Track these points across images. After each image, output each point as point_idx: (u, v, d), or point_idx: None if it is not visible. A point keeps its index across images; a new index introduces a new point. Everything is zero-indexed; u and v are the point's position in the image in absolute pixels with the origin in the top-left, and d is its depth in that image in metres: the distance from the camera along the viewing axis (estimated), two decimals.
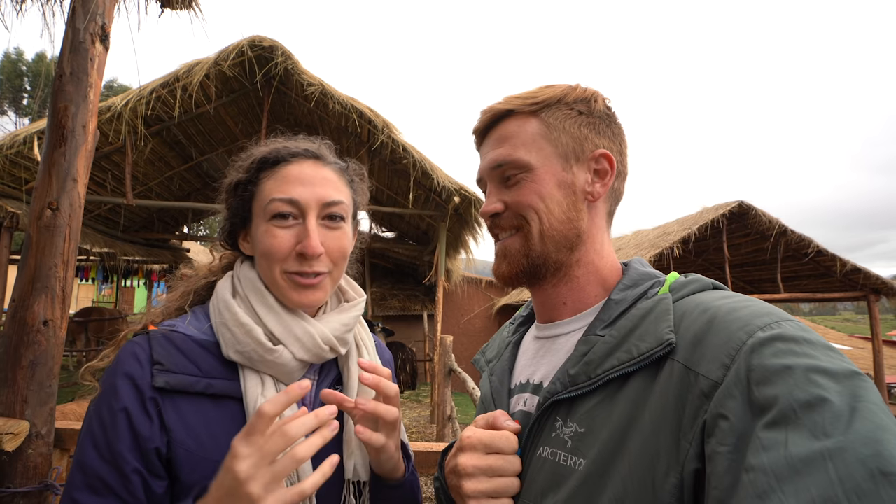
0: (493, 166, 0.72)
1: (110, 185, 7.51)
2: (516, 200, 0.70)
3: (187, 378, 0.72)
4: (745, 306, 0.54)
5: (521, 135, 0.71)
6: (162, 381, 0.70)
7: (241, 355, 0.76)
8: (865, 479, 0.36)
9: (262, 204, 0.80)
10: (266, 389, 0.75)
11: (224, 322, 0.77)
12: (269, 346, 0.75)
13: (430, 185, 6.79)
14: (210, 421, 0.72)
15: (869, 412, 0.40)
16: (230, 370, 0.76)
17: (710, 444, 0.46)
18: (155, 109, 6.21)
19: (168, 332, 0.76)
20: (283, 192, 0.78)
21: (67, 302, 1.87)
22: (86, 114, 1.97)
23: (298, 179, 0.79)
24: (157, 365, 0.71)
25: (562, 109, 0.71)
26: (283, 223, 0.78)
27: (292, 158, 0.81)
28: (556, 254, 0.69)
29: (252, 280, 0.81)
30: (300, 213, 0.78)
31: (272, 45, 6.17)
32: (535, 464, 0.64)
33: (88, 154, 1.98)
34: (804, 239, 8.68)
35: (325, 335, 0.81)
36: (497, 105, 0.74)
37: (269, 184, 0.80)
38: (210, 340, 0.78)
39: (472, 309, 13.26)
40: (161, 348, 0.73)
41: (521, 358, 0.80)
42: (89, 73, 2.00)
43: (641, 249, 9.26)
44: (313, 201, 0.78)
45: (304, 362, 0.80)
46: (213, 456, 0.69)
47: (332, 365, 0.89)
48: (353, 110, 6.41)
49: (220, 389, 0.74)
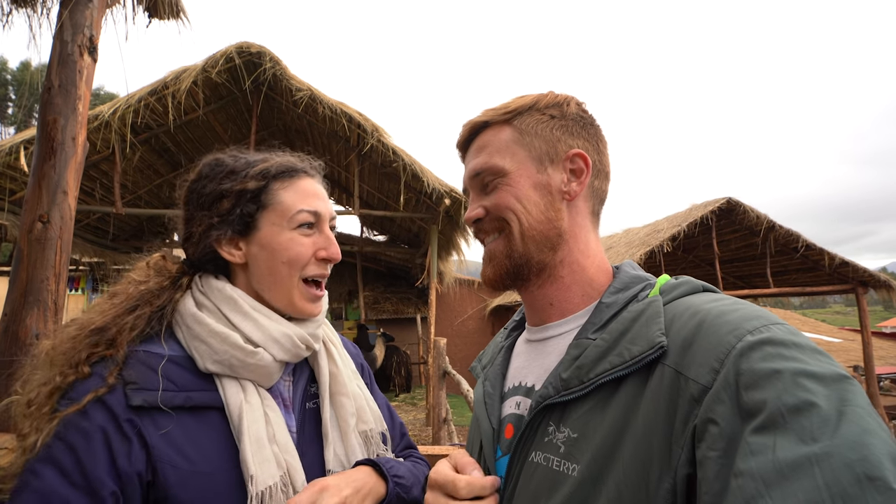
0: (472, 175, 0.75)
1: (99, 194, 7.45)
2: (494, 204, 0.72)
3: (165, 393, 0.70)
4: (735, 309, 0.54)
5: (496, 143, 0.74)
6: (139, 399, 0.68)
7: (219, 365, 0.75)
8: (852, 483, 0.37)
9: (284, 214, 0.84)
10: (249, 395, 0.76)
11: (196, 335, 0.76)
12: (249, 350, 0.76)
13: (421, 188, 6.81)
14: (194, 435, 0.71)
15: (856, 416, 0.40)
16: (207, 382, 0.76)
17: (700, 449, 0.46)
18: (143, 117, 6.17)
19: (133, 352, 0.73)
20: (308, 205, 0.85)
21: (60, 315, 1.87)
22: (75, 126, 1.98)
23: (315, 194, 0.88)
24: (129, 385, 0.69)
25: (533, 115, 0.74)
26: (307, 232, 0.85)
27: (304, 174, 0.89)
28: (538, 254, 0.70)
29: (221, 289, 0.81)
30: (317, 224, 0.87)
31: (260, 50, 6.16)
32: (527, 469, 0.63)
33: (78, 166, 1.98)
34: (792, 234, 8.81)
35: (300, 334, 0.83)
36: (474, 118, 0.77)
37: (289, 195, 0.85)
38: (181, 356, 0.76)
39: (465, 310, 13.29)
40: (130, 368, 0.71)
41: (513, 361, 0.81)
42: (78, 85, 2.01)
43: (632, 248, 9.35)
44: (327, 214, 0.88)
45: (282, 363, 0.82)
46: (203, 469, 0.69)
47: (304, 364, 0.91)
48: (343, 115, 6.42)
49: (199, 401, 0.73)
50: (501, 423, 0.74)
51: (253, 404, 0.76)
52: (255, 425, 0.73)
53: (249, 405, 0.75)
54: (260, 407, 0.77)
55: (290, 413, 0.84)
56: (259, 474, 0.71)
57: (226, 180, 0.84)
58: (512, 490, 0.65)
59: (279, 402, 0.84)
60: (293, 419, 0.84)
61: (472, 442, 0.82)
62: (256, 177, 0.84)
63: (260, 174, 0.85)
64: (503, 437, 0.72)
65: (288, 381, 0.88)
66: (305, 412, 0.86)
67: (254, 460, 0.71)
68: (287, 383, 0.88)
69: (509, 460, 0.67)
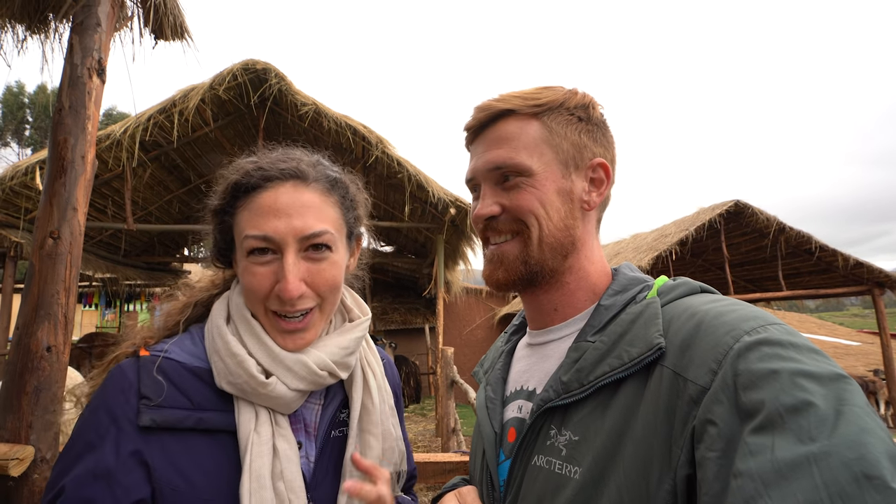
0: (490, 168, 0.70)
1: (111, 211, 7.61)
2: (516, 205, 0.68)
3: (176, 413, 0.67)
4: (732, 310, 0.54)
5: (523, 137, 0.69)
6: (148, 419, 0.65)
7: (234, 387, 0.71)
8: (850, 482, 0.37)
9: (239, 238, 0.74)
10: (260, 424, 0.71)
11: (217, 350, 0.73)
12: (260, 380, 0.70)
13: (426, 198, 6.85)
14: (201, 458, 0.68)
15: (854, 415, 0.40)
16: (224, 400, 0.72)
17: (699, 450, 0.46)
18: (153, 135, 6.32)
19: (156, 357, 0.71)
20: (256, 228, 0.71)
21: (70, 328, 1.92)
22: (84, 145, 2.04)
23: (272, 210, 0.71)
24: (144, 399, 0.67)
25: (563, 114, 0.70)
26: (261, 259, 0.71)
27: (267, 184, 0.73)
28: (552, 261, 0.69)
29: (240, 307, 0.77)
30: (277, 248, 0.72)
31: (265, 67, 6.30)
32: (530, 473, 0.63)
33: (87, 183, 2.04)
34: (803, 235, 8.69)
35: (321, 361, 0.75)
36: (495, 103, 0.71)
37: (244, 216, 0.73)
38: (204, 368, 0.73)
39: (473, 320, 13.25)
40: (149, 379, 0.68)
41: (514, 366, 0.80)
42: (87, 106, 2.08)
43: (640, 253, 9.29)
44: (290, 236, 0.71)
45: (301, 392, 0.75)
46: (203, 495, 0.66)
47: (339, 387, 0.83)
48: (347, 128, 6.51)
49: (211, 424, 0.69)
50: (504, 428, 0.73)
51: (262, 435, 0.70)
52: (259, 460, 0.68)
53: (258, 436, 0.70)
54: (270, 439, 0.71)
55: (311, 441, 0.78)
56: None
57: (214, 195, 0.79)
58: (515, 494, 0.64)
59: (300, 426, 0.78)
60: (314, 447, 0.77)
61: (475, 447, 0.81)
62: (222, 194, 0.76)
63: (224, 190, 0.76)
64: (506, 440, 0.71)
65: (318, 406, 0.80)
66: (329, 440, 0.79)
67: (251, 500, 0.66)
68: (317, 407, 0.80)
69: (511, 464, 0.66)
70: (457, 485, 0.78)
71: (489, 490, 0.70)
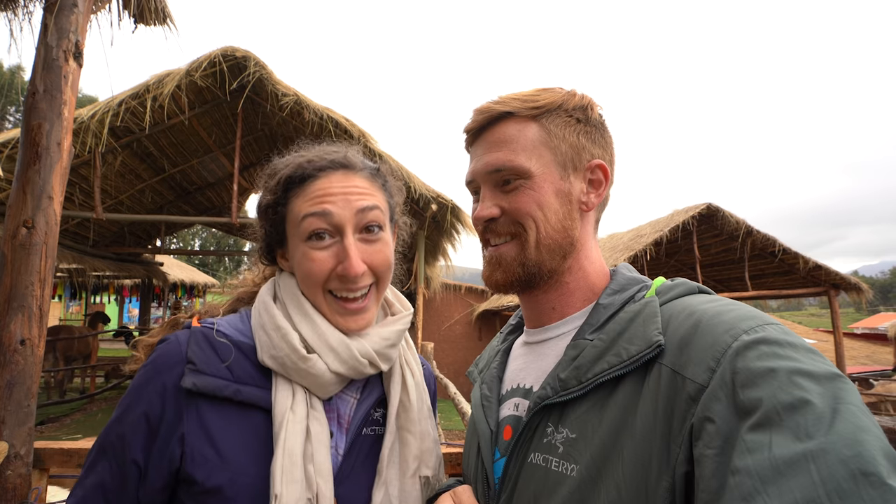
0: (490, 170, 0.70)
1: (78, 199, 7.30)
2: (515, 208, 0.69)
3: (216, 381, 0.69)
4: (730, 310, 0.55)
5: (522, 140, 0.69)
6: (190, 382, 0.68)
7: (275, 361, 0.73)
8: (847, 479, 0.37)
9: (295, 223, 0.76)
10: (296, 403, 0.71)
11: (262, 324, 0.75)
12: (302, 353, 0.72)
13: (408, 193, 6.85)
14: (233, 430, 0.69)
15: (850, 413, 0.41)
16: (264, 377, 0.73)
17: (697, 448, 0.47)
18: (124, 121, 6.09)
19: (208, 330, 0.74)
20: (315, 206, 0.74)
21: (45, 321, 1.86)
22: (60, 131, 1.97)
23: (328, 194, 0.74)
24: (189, 364, 0.70)
25: (561, 116, 0.70)
26: (320, 244, 0.74)
27: (319, 173, 0.76)
28: (550, 262, 0.69)
29: (290, 286, 0.79)
30: (336, 231, 0.74)
31: (245, 55, 6.15)
32: (526, 470, 0.63)
33: (64, 171, 1.97)
34: (769, 238, 9.08)
35: (363, 348, 0.76)
36: (494, 105, 0.71)
37: (299, 202, 0.76)
38: (248, 343, 0.75)
39: (451, 315, 13.31)
40: (197, 347, 0.72)
41: (510, 364, 0.80)
42: (63, 91, 2.00)
43: (616, 252, 9.51)
44: (348, 212, 0.74)
45: (340, 376, 0.75)
46: (232, 467, 0.67)
47: (377, 383, 0.83)
48: (329, 120, 6.43)
49: (247, 397, 0.71)
50: (500, 426, 0.73)
51: (297, 414, 0.70)
52: (292, 439, 0.68)
53: (293, 415, 0.70)
54: (304, 419, 0.71)
55: (342, 433, 0.77)
56: (284, 495, 0.65)
57: (263, 193, 0.82)
58: (511, 492, 0.64)
59: (333, 416, 0.77)
60: (344, 440, 0.77)
61: (469, 445, 0.81)
62: (273, 189, 0.79)
63: (276, 185, 0.79)
64: (501, 438, 0.71)
65: (353, 399, 0.80)
66: (360, 437, 0.78)
67: (282, 479, 0.66)
68: (352, 400, 0.80)
69: (507, 461, 0.66)
70: (451, 485, 0.76)
71: (484, 488, 0.70)
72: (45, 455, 1.67)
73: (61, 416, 7.78)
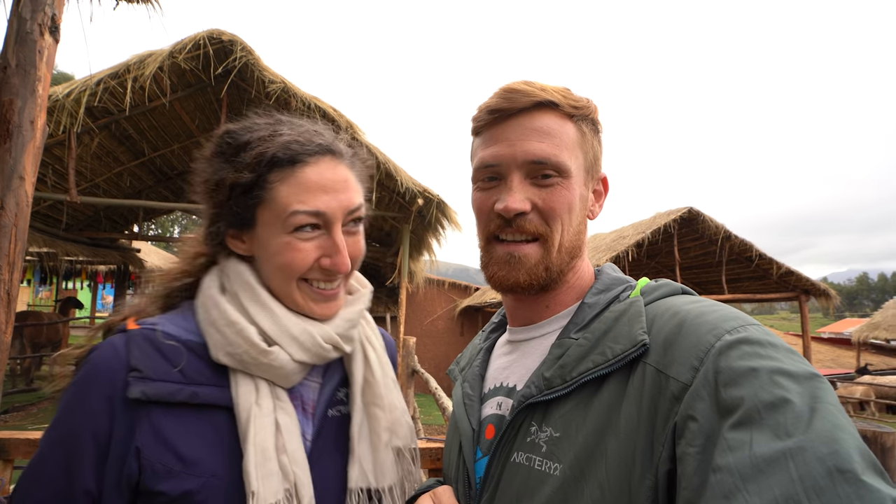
0: (531, 160, 0.66)
1: (51, 181, 7.04)
2: (549, 207, 0.66)
3: (168, 386, 0.65)
4: (714, 310, 0.55)
5: (564, 136, 0.67)
6: (138, 391, 0.63)
7: (231, 358, 0.68)
8: (823, 476, 0.38)
9: (278, 214, 0.70)
10: (261, 398, 0.68)
11: (212, 321, 0.70)
12: (262, 347, 0.68)
13: (394, 187, 6.80)
14: (192, 435, 0.65)
15: (827, 412, 0.42)
16: (219, 375, 0.69)
17: (680, 446, 0.47)
18: (102, 101, 5.88)
19: (149, 331, 0.68)
20: (307, 204, 0.69)
21: (13, 306, 1.78)
22: (34, 108, 1.88)
23: (321, 187, 0.70)
24: (133, 372, 0.64)
25: (589, 123, 0.70)
26: (307, 235, 0.70)
27: (309, 158, 0.71)
28: (566, 265, 0.69)
29: (241, 274, 0.73)
30: (325, 225, 0.72)
31: (232, 39, 6.00)
32: (509, 470, 0.62)
33: (37, 151, 1.89)
34: (746, 244, 9.33)
35: (326, 334, 0.73)
36: (538, 90, 0.66)
37: (286, 191, 0.69)
38: (197, 341, 0.70)
39: (434, 310, 13.32)
40: (139, 351, 0.66)
41: (493, 363, 0.79)
42: (38, 66, 1.91)
43: (599, 252, 9.64)
44: (339, 212, 0.71)
45: (304, 364, 0.73)
46: (196, 472, 0.64)
47: (337, 364, 0.82)
48: (317, 110, 6.33)
49: (206, 398, 0.67)
50: (482, 424, 0.72)
51: (264, 408, 0.68)
52: (262, 433, 0.66)
53: (260, 409, 0.67)
54: (272, 412, 0.69)
55: (308, 419, 0.76)
56: (261, 490, 0.63)
57: (224, 166, 0.72)
58: (493, 491, 0.64)
59: (298, 404, 0.75)
60: (311, 426, 0.76)
61: (450, 444, 0.80)
62: (250, 166, 0.70)
63: (254, 162, 0.70)
64: (483, 437, 0.71)
65: (316, 384, 0.79)
66: (327, 419, 0.77)
67: (257, 475, 0.64)
68: (314, 385, 0.79)
69: (489, 460, 0.66)
70: (431, 486, 0.75)
71: (465, 488, 0.69)
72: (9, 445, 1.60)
73: (27, 404, 7.55)
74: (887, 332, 15.89)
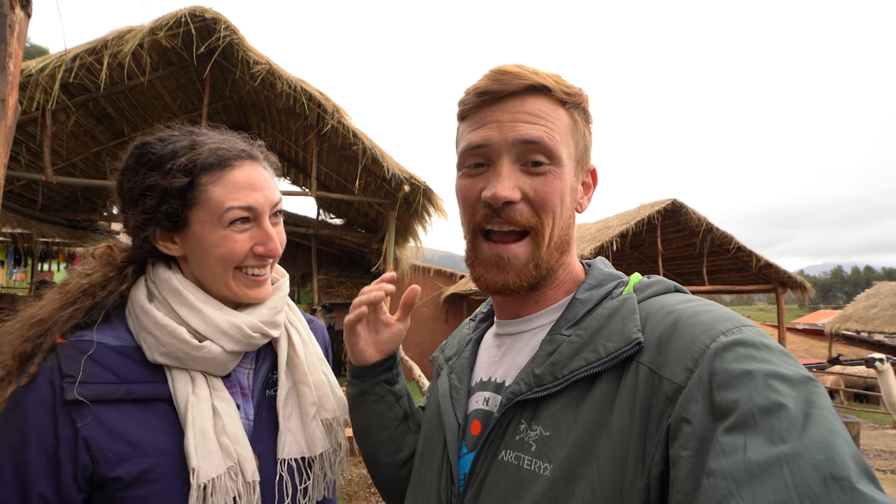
0: (526, 140, 0.62)
1: (25, 159, 6.80)
2: (541, 197, 0.63)
3: (104, 387, 0.70)
4: (708, 310, 0.55)
5: (557, 122, 0.64)
6: (74, 393, 0.67)
7: (167, 357, 0.75)
8: (818, 483, 0.37)
9: (213, 211, 0.78)
10: (197, 388, 0.76)
11: (144, 327, 0.76)
12: (194, 343, 0.75)
13: (381, 173, 6.74)
14: (139, 423, 0.72)
15: (822, 417, 0.41)
16: (155, 373, 0.75)
17: (673, 448, 0.47)
18: (78, 77, 5.67)
19: (79, 343, 0.72)
20: (239, 200, 0.78)
21: None
22: (4, 86, 1.82)
23: (249, 185, 0.80)
24: (67, 378, 0.68)
25: (581, 111, 0.68)
26: (241, 227, 0.80)
27: (236, 162, 0.81)
28: (556, 261, 0.68)
29: (168, 280, 0.80)
30: (255, 217, 0.81)
31: (215, 17, 5.81)
32: (496, 468, 0.61)
33: (8, 131, 1.83)
34: (727, 236, 9.52)
35: (252, 323, 0.81)
36: (530, 73, 0.63)
37: (219, 191, 0.78)
38: (129, 346, 0.76)
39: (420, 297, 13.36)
40: (70, 360, 0.70)
41: (481, 356, 0.78)
42: (8, 42, 1.84)
43: (583, 242, 9.75)
44: (267, 206, 0.82)
45: (234, 353, 0.81)
46: (147, 453, 0.70)
47: (268, 349, 0.90)
48: (303, 93, 6.21)
49: (144, 393, 0.73)
50: (467, 419, 0.71)
51: (201, 396, 0.75)
52: (200, 417, 0.73)
53: (196, 398, 0.75)
54: (208, 399, 0.76)
55: (248, 401, 0.84)
56: (202, 467, 0.71)
57: (151, 174, 0.78)
58: (477, 488, 0.62)
59: (236, 390, 0.83)
60: (251, 406, 0.84)
61: (430, 436, 0.77)
62: (181, 172, 0.77)
63: (185, 168, 0.77)
64: (469, 433, 0.69)
65: (249, 369, 0.87)
66: (265, 399, 0.86)
67: (196, 453, 0.71)
68: (248, 371, 0.87)
69: (475, 457, 0.64)
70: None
71: (447, 483, 0.68)
72: None
73: None
74: (858, 324, 16.48)
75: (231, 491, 0.73)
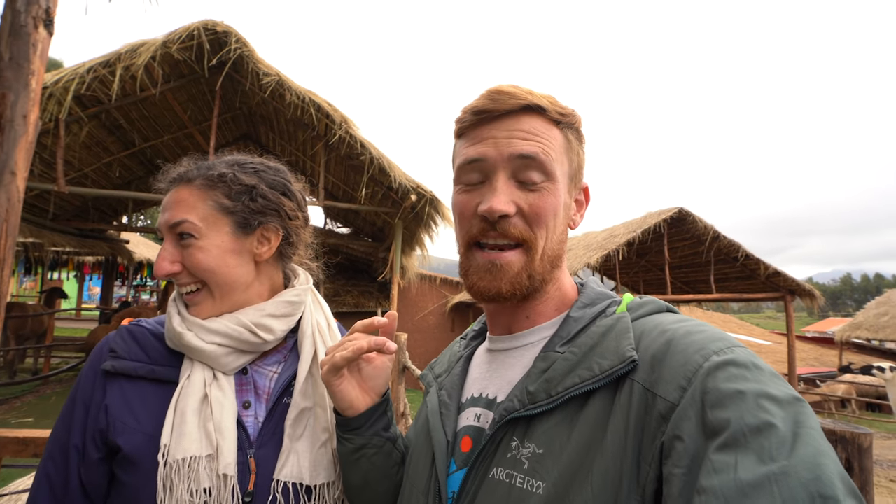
0: (522, 155, 0.64)
1: (38, 170, 6.91)
2: (535, 212, 0.65)
3: (131, 363, 0.82)
4: (701, 330, 0.55)
5: (551, 141, 0.66)
6: (109, 365, 0.81)
7: (171, 342, 0.84)
8: (806, 501, 0.38)
9: None
10: (193, 374, 0.81)
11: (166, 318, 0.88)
12: (179, 331, 0.82)
13: (388, 183, 6.79)
14: (150, 401, 0.80)
15: (810, 437, 0.42)
16: (177, 358, 0.84)
17: (666, 466, 0.47)
18: (91, 89, 5.78)
19: (133, 326, 0.88)
20: (160, 220, 0.88)
21: (3, 302, 1.77)
22: (27, 103, 1.86)
23: (164, 207, 0.87)
24: (111, 352, 0.83)
25: (574, 131, 0.70)
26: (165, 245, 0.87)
27: (170, 186, 0.88)
28: (548, 274, 0.68)
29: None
30: (163, 238, 0.87)
31: (226, 30, 5.92)
32: (487, 486, 0.60)
33: (29, 146, 1.87)
34: (734, 244, 9.44)
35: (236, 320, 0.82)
36: (525, 93, 0.66)
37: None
38: (164, 333, 0.87)
39: (426, 306, 13.35)
40: (120, 339, 0.84)
41: (472, 372, 0.77)
42: (31, 60, 1.89)
43: (590, 251, 9.72)
44: (164, 227, 0.85)
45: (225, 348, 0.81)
46: (147, 429, 0.77)
47: (296, 358, 0.88)
48: (311, 104, 6.29)
49: (161, 375, 0.82)
50: (457, 436, 0.70)
51: (193, 381, 0.80)
52: (184, 400, 0.78)
53: (189, 381, 0.80)
54: (201, 386, 0.79)
55: (262, 403, 0.83)
56: (172, 446, 0.73)
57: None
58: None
59: (249, 388, 0.84)
60: (263, 409, 0.83)
61: (417, 454, 0.76)
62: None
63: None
64: (458, 449, 0.68)
65: (273, 372, 0.88)
66: (279, 406, 0.84)
67: (171, 433, 0.74)
68: (271, 374, 0.87)
69: (466, 474, 0.64)
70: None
71: (436, 501, 0.67)
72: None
73: (11, 397, 7.41)
74: (868, 332, 16.25)
75: (204, 480, 0.72)
